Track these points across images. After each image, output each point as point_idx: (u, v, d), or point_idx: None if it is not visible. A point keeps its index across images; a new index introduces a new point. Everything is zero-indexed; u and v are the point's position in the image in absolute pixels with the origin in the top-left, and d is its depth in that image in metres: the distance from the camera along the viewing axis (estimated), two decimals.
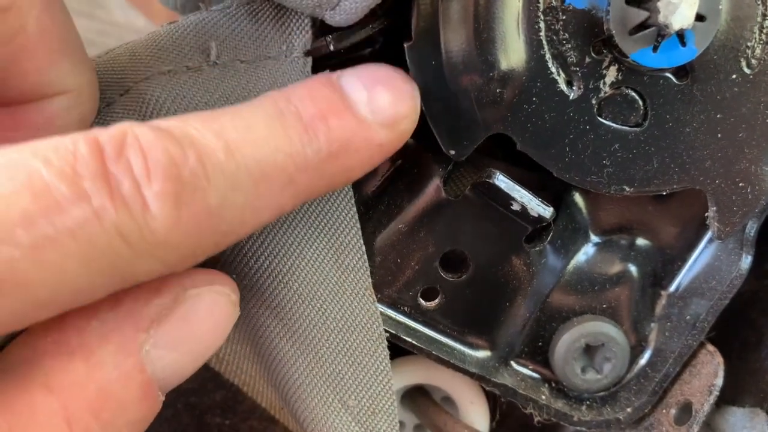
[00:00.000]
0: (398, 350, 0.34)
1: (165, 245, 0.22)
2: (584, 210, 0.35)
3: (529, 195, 0.31)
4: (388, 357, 0.32)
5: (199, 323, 0.26)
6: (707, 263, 0.35)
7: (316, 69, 0.29)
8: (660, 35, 0.27)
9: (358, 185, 0.32)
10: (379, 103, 0.27)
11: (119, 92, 0.30)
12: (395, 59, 0.29)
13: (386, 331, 0.32)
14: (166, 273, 0.23)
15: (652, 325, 0.35)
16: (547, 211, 0.31)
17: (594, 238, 0.35)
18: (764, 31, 0.29)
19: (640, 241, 0.35)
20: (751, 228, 0.33)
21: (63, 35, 0.26)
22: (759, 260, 0.38)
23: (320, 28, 0.29)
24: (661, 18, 0.27)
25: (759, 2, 0.29)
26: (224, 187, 0.23)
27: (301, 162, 0.25)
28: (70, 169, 0.21)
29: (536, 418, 0.35)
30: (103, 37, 0.70)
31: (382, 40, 0.31)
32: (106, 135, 0.22)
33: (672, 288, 0.35)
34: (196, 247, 0.23)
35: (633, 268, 0.35)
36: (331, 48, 0.29)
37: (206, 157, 0.23)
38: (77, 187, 0.20)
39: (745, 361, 0.38)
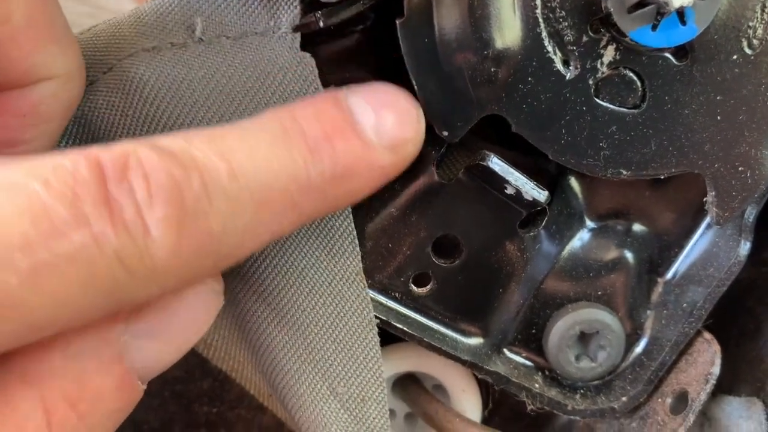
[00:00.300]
0: (389, 337, 0.34)
1: (164, 271, 0.22)
2: (580, 194, 0.34)
3: (524, 178, 0.30)
4: (378, 344, 0.32)
5: (181, 313, 0.25)
6: (705, 250, 0.34)
7: (305, 46, 0.28)
8: (659, 13, 0.27)
9: None
10: (386, 126, 0.27)
11: (102, 70, 0.29)
12: (387, 36, 0.28)
13: (377, 317, 0.32)
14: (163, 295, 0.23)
15: (648, 312, 0.35)
16: (542, 195, 0.31)
17: (590, 224, 0.34)
18: (767, 10, 0.28)
19: (637, 227, 0.35)
20: (750, 214, 0.33)
21: (49, 20, 0.25)
22: (757, 247, 0.37)
23: (309, 3, 0.28)
24: None
25: None
26: (226, 212, 0.23)
27: (304, 184, 0.24)
28: (70, 191, 0.20)
29: (529, 407, 0.35)
30: (91, 20, 0.68)
31: (374, 16, 0.30)
32: (108, 156, 0.21)
33: (669, 275, 0.35)
34: (195, 271, 0.23)
35: (629, 255, 0.35)
36: (321, 24, 0.28)
37: (210, 181, 0.22)
38: (77, 211, 0.20)
39: (742, 350, 0.38)
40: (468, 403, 0.38)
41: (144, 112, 0.27)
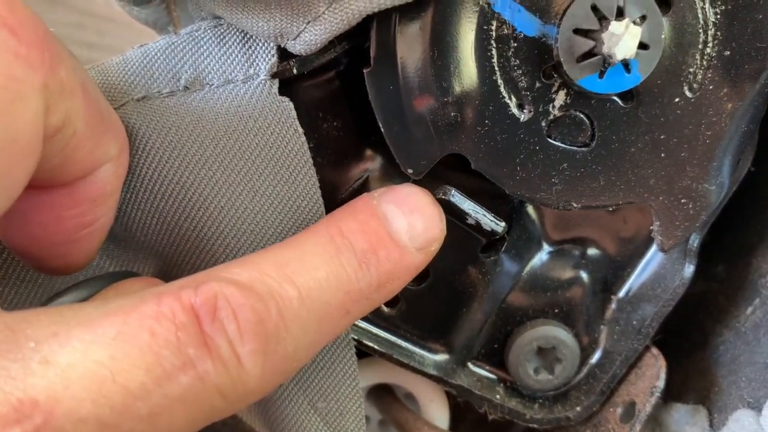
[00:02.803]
0: (364, 351, 0.36)
1: (253, 394, 0.24)
2: (537, 222, 0.36)
3: (483, 211, 0.33)
4: (356, 362, 0.34)
5: None
6: (654, 271, 0.37)
7: (284, 90, 0.30)
8: (606, 63, 0.29)
9: (329, 192, 0.33)
10: (417, 231, 0.29)
11: None
12: (359, 79, 0.30)
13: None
14: None
15: (602, 327, 0.38)
16: (499, 227, 0.33)
17: (547, 247, 0.37)
18: (705, 57, 0.30)
19: (591, 251, 0.37)
20: (694, 240, 0.35)
21: (101, 113, 0.27)
22: (708, 263, 0.40)
23: (284, 52, 0.30)
24: (605, 49, 0.28)
25: (701, 30, 0.30)
26: (298, 333, 0.25)
27: (355, 296, 0.27)
28: (174, 337, 0.22)
29: (491, 417, 0.37)
30: (80, 32, 0.67)
31: (346, 61, 0.32)
32: (198, 300, 0.23)
33: (621, 293, 0.37)
34: (273, 387, 0.26)
35: (584, 275, 0.37)
36: (294, 71, 0.30)
37: (285, 309, 0.25)
38: (183, 355, 0.22)
39: (692, 360, 0.40)
40: (436, 411, 0.40)
41: (135, 159, 0.29)
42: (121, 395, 0.21)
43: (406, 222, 0.29)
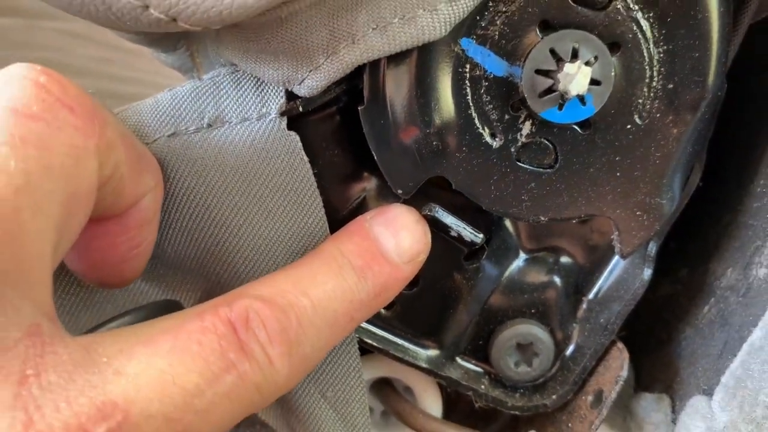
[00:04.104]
0: (366, 349, 0.41)
1: (282, 389, 0.30)
2: (513, 233, 0.41)
3: (463, 225, 0.38)
4: (359, 356, 0.38)
5: None
6: (618, 275, 0.41)
7: (290, 125, 0.35)
8: (563, 98, 0.33)
9: (332, 210, 0.38)
10: (403, 247, 0.35)
11: None
12: (357, 113, 0.35)
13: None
14: None
15: (575, 325, 0.42)
16: (478, 238, 0.38)
17: (523, 255, 0.42)
18: (652, 89, 0.34)
19: (563, 259, 0.41)
20: (652, 247, 0.39)
21: (139, 156, 0.31)
22: (673, 267, 0.45)
23: (291, 92, 0.34)
24: (561, 86, 0.32)
25: (647, 66, 0.34)
26: (313, 337, 0.31)
27: (357, 304, 0.33)
28: (218, 345, 0.27)
29: (477, 404, 0.42)
30: (108, 66, 0.69)
31: (346, 98, 0.37)
32: (233, 314, 0.29)
33: (591, 295, 0.42)
34: (297, 381, 0.31)
35: (557, 279, 0.42)
36: (300, 109, 0.35)
37: (303, 317, 0.31)
38: (226, 359, 0.27)
39: (658, 355, 0.45)
40: (431, 401, 0.44)
41: (167, 186, 0.34)
42: (181, 395, 0.26)
43: (394, 241, 0.35)
